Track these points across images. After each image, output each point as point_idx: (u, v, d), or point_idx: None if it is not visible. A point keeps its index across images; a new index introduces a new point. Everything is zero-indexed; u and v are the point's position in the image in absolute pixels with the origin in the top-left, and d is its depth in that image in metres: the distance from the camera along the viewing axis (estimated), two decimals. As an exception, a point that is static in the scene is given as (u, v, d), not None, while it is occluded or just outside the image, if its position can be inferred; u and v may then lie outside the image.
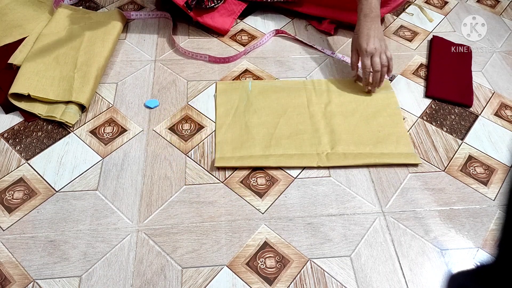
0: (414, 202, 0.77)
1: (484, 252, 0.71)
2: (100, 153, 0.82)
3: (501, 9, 1.25)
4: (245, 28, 1.12)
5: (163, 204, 0.75)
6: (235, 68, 1.00)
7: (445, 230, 0.73)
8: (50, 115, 0.85)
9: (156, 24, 1.12)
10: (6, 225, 0.71)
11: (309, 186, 0.78)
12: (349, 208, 0.76)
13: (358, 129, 0.87)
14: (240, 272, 0.67)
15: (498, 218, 0.76)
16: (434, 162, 0.83)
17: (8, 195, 0.75)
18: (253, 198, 0.76)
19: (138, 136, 0.85)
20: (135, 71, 0.98)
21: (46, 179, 0.77)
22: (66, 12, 1.07)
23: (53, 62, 0.93)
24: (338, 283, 0.67)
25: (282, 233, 0.72)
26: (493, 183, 0.81)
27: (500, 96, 0.98)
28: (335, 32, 1.11)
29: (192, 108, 0.91)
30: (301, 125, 0.87)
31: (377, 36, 0.88)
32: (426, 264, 0.69)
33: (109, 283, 0.65)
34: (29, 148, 0.82)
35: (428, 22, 1.18)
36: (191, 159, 0.82)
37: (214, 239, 0.71)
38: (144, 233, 0.71)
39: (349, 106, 0.91)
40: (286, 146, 0.83)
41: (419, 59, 1.06)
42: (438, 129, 0.90)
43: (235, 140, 0.84)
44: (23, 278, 0.65)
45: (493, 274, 0.40)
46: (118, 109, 0.90)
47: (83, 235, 0.70)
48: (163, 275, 0.67)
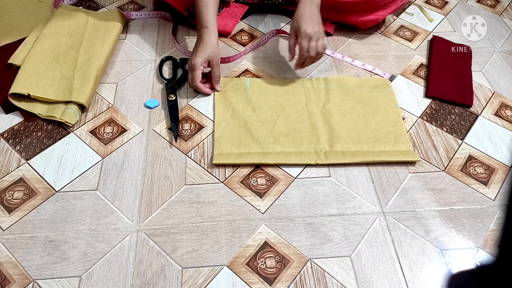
0: (415, 202, 0.77)
1: (485, 252, 0.71)
2: (100, 153, 0.82)
3: (502, 9, 1.25)
4: (245, 28, 1.12)
5: (163, 204, 0.75)
6: (235, 68, 1.00)
7: (445, 230, 0.73)
8: (50, 115, 0.85)
9: (156, 24, 1.12)
10: (6, 225, 0.71)
11: (309, 186, 0.78)
12: (349, 208, 0.76)
13: (357, 127, 0.87)
14: (240, 272, 0.67)
15: (498, 218, 0.76)
16: (434, 162, 0.83)
17: (8, 195, 0.75)
18: (253, 198, 0.76)
19: (138, 136, 0.85)
20: (135, 71, 0.98)
21: (46, 179, 0.77)
22: (66, 12, 1.06)
23: (53, 62, 0.93)
24: (338, 283, 0.66)
25: (282, 233, 0.72)
26: (493, 183, 0.81)
27: (500, 96, 0.98)
28: (335, 32, 1.11)
29: (192, 108, 0.91)
30: (299, 123, 0.87)
31: (317, 21, 0.89)
32: (426, 264, 0.69)
33: (109, 283, 0.65)
34: (29, 148, 0.82)
35: (428, 22, 1.18)
36: (191, 159, 0.82)
37: (214, 239, 0.71)
38: (144, 233, 0.71)
39: (348, 105, 0.91)
40: (285, 144, 0.83)
41: (419, 59, 1.06)
42: (438, 129, 0.90)
43: (234, 137, 0.84)
44: (23, 278, 0.65)
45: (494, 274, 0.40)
46: (118, 109, 0.90)
47: (83, 235, 0.70)
48: (163, 275, 0.66)
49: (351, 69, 1.02)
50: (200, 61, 0.88)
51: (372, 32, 1.13)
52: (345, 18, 1.08)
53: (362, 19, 1.06)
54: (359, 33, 1.12)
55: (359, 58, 1.05)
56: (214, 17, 0.89)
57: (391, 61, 1.05)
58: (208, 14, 0.89)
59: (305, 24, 0.88)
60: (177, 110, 0.88)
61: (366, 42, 1.10)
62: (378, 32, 1.13)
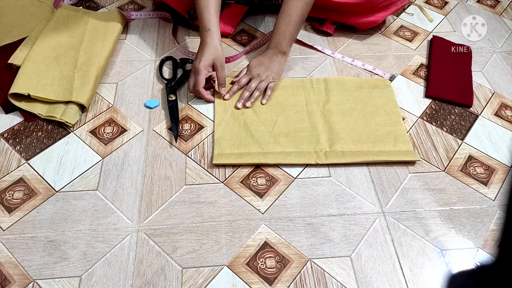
0: (415, 202, 0.77)
1: (484, 252, 0.71)
2: (100, 153, 0.82)
3: (501, 9, 1.25)
4: (245, 28, 1.12)
5: (163, 204, 0.75)
6: (235, 68, 1.00)
7: (445, 230, 0.73)
8: (50, 115, 0.85)
9: (156, 24, 1.12)
10: (6, 225, 0.71)
11: (309, 186, 0.78)
12: (349, 208, 0.76)
13: (357, 128, 0.87)
14: (240, 272, 0.67)
15: (498, 218, 0.76)
16: (434, 162, 0.83)
17: (8, 195, 0.75)
18: (253, 198, 0.76)
19: (138, 136, 0.85)
20: (135, 71, 0.98)
21: (46, 179, 0.77)
22: (66, 12, 1.06)
23: (53, 62, 0.93)
24: (338, 283, 0.66)
25: (282, 233, 0.72)
26: (493, 183, 0.81)
27: (500, 96, 0.98)
28: (335, 32, 1.11)
29: (192, 108, 0.91)
30: (299, 123, 0.87)
31: (269, 68, 0.93)
32: (426, 264, 0.69)
33: (109, 283, 0.65)
34: (29, 148, 0.82)
35: (428, 22, 1.18)
36: (191, 159, 0.82)
37: (214, 239, 0.71)
38: (144, 233, 0.71)
39: (348, 105, 0.91)
40: (285, 144, 0.83)
41: (419, 59, 1.06)
42: (438, 129, 0.90)
43: (234, 137, 0.84)
44: (23, 278, 0.65)
45: (494, 274, 0.40)
46: (118, 109, 0.90)
47: (83, 235, 0.70)
48: (163, 275, 0.67)
49: (351, 69, 1.02)
50: (205, 65, 0.86)
51: (372, 32, 1.13)
52: (345, 19, 1.08)
53: (362, 21, 1.06)
54: (359, 33, 1.12)
55: (359, 58, 1.05)
56: (216, 19, 0.89)
57: (391, 61, 1.05)
58: (210, 16, 0.88)
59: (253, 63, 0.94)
60: (177, 110, 0.88)
61: (366, 42, 1.10)
62: (378, 32, 1.13)
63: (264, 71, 0.93)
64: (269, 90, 0.92)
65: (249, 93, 0.91)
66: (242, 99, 0.90)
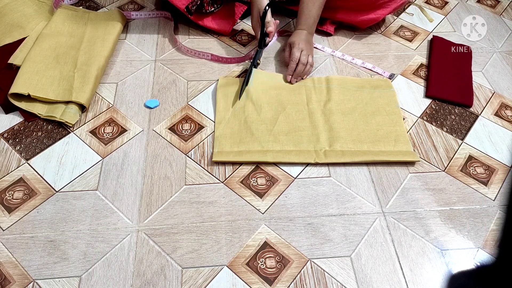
0: (415, 202, 0.77)
1: (484, 252, 0.71)
2: (100, 153, 0.82)
3: (502, 9, 1.25)
4: (245, 28, 1.12)
5: (163, 204, 0.75)
6: (235, 68, 1.00)
7: (445, 231, 0.73)
8: (50, 115, 0.85)
9: (156, 24, 1.12)
10: (6, 225, 0.71)
11: (309, 186, 0.78)
12: (349, 208, 0.76)
13: (357, 127, 0.87)
14: (240, 272, 0.67)
15: (498, 218, 0.76)
16: (434, 162, 0.83)
17: (8, 195, 0.75)
18: (253, 198, 0.76)
19: (138, 136, 0.85)
20: (135, 71, 0.98)
21: (46, 179, 0.77)
22: (66, 12, 1.06)
23: (53, 62, 0.93)
24: (338, 283, 0.66)
25: (282, 233, 0.72)
26: (493, 183, 0.81)
27: (500, 96, 0.98)
28: (335, 32, 1.11)
29: (192, 108, 0.91)
30: (300, 122, 0.87)
31: (309, 42, 0.99)
32: (426, 264, 0.69)
33: (109, 283, 0.65)
34: (29, 148, 0.82)
35: (428, 22, 1.18)
36: (191, 159, 0.82)
37: (214, 239, 0.71)
38: (144, 233, 0.71)
39: (348, 104, 0.91)
40: (285, 142, 0.83)
41: (419, 59, 1.06)
42: (438, 129, 0.90)
43: (234, 135, 0.84)
44: (23, 278, 0.65)
45: (494, 274, 0.40)
46: (118, 109, 0.90)
47: (83, 235, 0.70)
48: (163, 275, 0.66)
49: (351, 68, 1.02)
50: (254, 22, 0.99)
51: (372, 32, 1.13)
52: (345, 17, 1.08)
53: (362, 18, 1.06)
54: (359, 33, 1.12)
55: (359, 58, 1.05)
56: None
57: (391, 61, 1.05)
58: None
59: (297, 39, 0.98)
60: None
61: (366, 42, 1.10)
62: (378, 32, 1.13)
63: (306, 47, 0.97)
64: (310, 67, 0.97)
65: (303, 66, 0.96)
66: (293, 74, 0.96)
